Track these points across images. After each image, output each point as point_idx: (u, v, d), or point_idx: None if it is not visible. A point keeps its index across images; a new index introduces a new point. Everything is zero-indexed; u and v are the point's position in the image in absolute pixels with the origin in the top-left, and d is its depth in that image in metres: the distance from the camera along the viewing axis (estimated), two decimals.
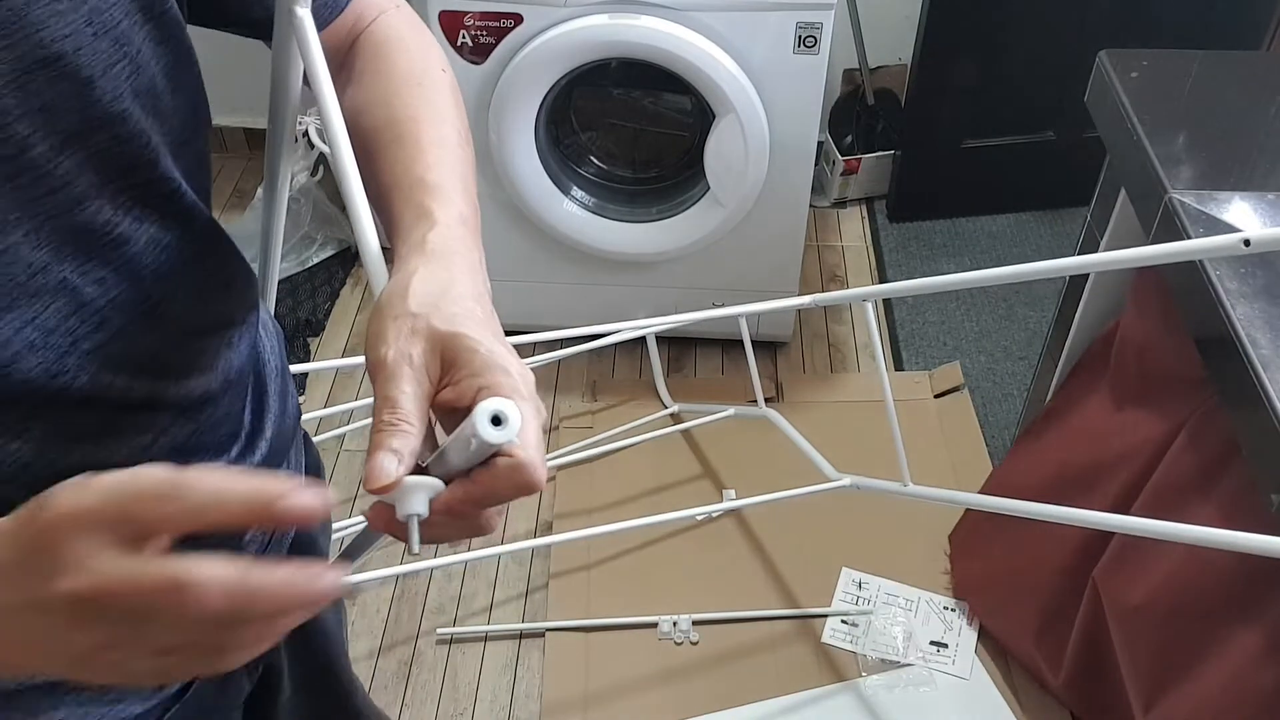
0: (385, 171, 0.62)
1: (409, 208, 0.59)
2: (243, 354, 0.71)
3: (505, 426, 0.44)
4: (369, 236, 0.58)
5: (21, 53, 0.49)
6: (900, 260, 2.56)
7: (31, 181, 0.51)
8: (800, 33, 1.79)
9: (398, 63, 0.69)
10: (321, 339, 2.35)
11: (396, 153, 0.62)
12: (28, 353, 0.54)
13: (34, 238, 0.52)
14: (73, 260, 0.55)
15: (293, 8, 0.60)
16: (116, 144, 0.55)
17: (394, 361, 0.49)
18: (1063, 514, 1.11)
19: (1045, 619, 1.60)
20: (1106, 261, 0.95)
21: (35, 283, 0.53)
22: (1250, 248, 0.70)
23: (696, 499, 1.98)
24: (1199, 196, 1.20)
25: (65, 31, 0.50)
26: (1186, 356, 1.21)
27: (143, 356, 0.60)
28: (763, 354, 2.27)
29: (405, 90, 0.67)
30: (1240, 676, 1.17)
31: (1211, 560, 1.21)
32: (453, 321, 0.50)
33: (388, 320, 0.50)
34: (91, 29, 0.51)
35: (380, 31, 0.71)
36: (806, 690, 1.71)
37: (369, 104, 0.67)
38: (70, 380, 0.56)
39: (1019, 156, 2.62)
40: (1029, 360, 2.25)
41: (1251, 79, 1.44)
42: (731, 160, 1.92)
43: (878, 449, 1.81)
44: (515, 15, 1.79)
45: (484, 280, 0.56)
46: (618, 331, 1.79)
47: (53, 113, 0.51)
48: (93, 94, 0.52)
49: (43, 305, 0.54)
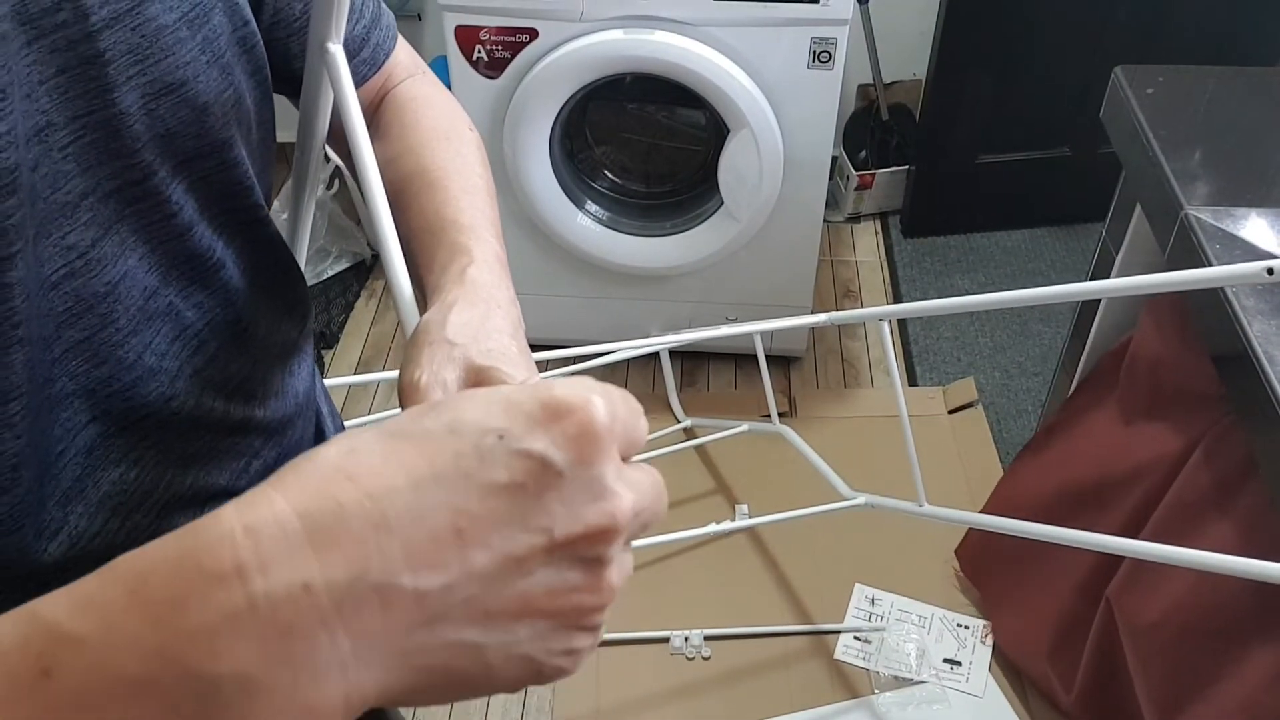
0: (416, 216, 0.63)
1: (443, 246, 0.59)
2: (305, 378, 0.73)
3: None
4: (398, 272, 0.58)
5: (153, 78, 0.50)
6: (914, 275, 2.55)
7: (150, 208, 0.53)
8: (815, 48, 1.79)
9: (425, 118, 0.70)
10: (335, 352, 2.36)
11: (427, 198, 0.63)
12: (148, 377, 0.55)
13: (147, 262, 0.54)
14: (178, 284, 0.56)
15: (325, 44, 0.60)
16: (220, 170, 0.56)
17: (427, 385, 0.49)
18: (1078, 538, 1.10)
19: (1058, 637, 1.59)
20: (1124, 288, 0.94)
21: (150, 307, 0.54)
22: (1275, 276, 0.69)
23: (709, 514, 1.97)
24: (1215, 213, 1.19)
25: (186, 59, 0.52)
26: (1202, 372, 1.20)
27: (236, 379, 0.62)
28: (776, 369, 2.26)
29: (434, 143, 0.68)
30: (1256, 698, 1.16)
31: (1227, 580, 1.20)
32: (489, 356, 0.50)
33: (424, 346, 0.50)
34: (205, 57, 0.53)
35: (408, 91, 0.73)
36: (819, 707, 1.70)
37: (397, 155, 0.68)
38: (181, 404, 0.57)
39: (1034, 172, 2.61)
40: (1044, 376, 2.24)
41: (1267, 95, 1.43)
42: (745, 175, 1.92)
43: (892, 465, 1.81)
44: (531, 30, 1.80)
45: (519, 318, 0.56)
46: (630, 348, 1.79)
47: (172, 139, 0.52)
48: (206, 121, 0.54)
49: (154, 330, 0.55)
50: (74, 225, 0.49)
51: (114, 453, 0.55)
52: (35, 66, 0.46)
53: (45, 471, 0.52)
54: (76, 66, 0.48)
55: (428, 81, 0.75)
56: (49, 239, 0.48)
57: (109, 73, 0.49)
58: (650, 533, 0.43)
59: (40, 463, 0.51)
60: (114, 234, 0.51)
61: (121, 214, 0.52)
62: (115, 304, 0.52)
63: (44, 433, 0.51)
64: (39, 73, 0.46)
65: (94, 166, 0.50)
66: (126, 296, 0.53)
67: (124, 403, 0.54)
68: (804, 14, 1.75)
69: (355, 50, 0.68)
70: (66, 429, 0.52)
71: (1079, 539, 1.10)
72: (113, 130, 0.50)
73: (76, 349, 0.51)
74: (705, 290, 2.16)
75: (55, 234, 0.49)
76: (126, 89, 0.49)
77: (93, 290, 0.51)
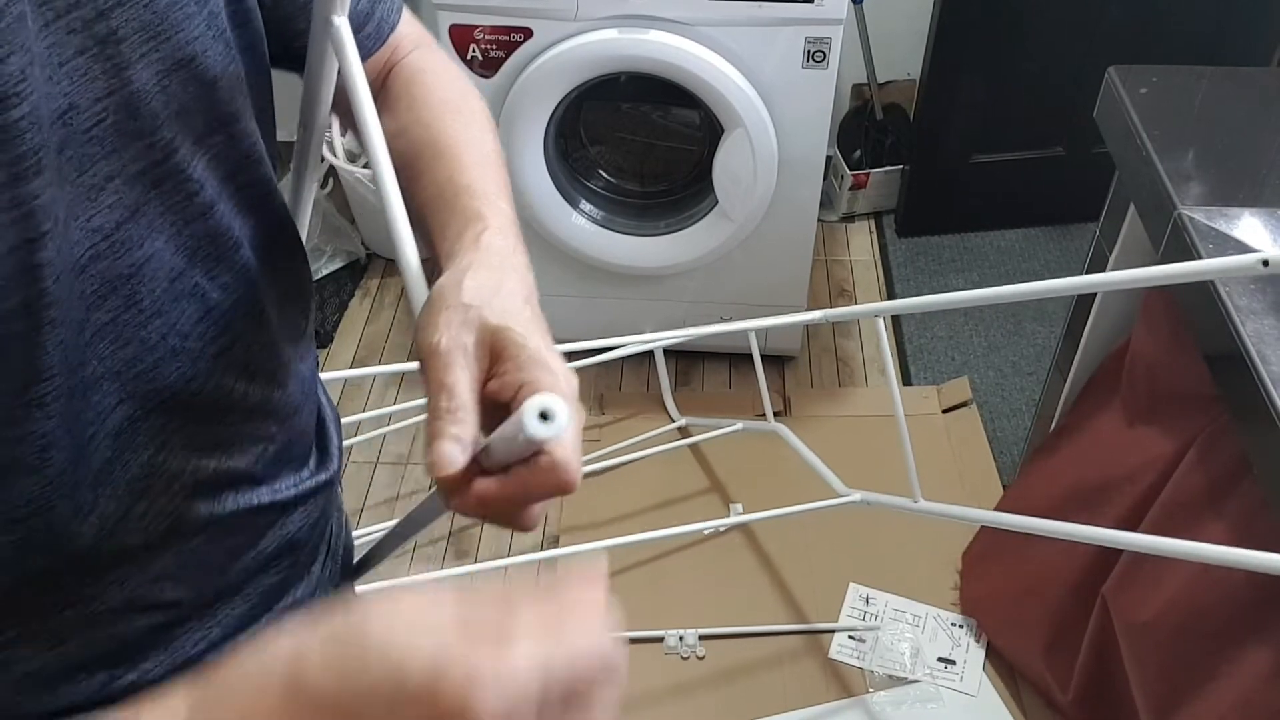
0: (428, 185, 0.63)
1: (456, 213, 0.60)
2: (311, 363, 0.73)
3: (553, 422, 0.43)
4: (406, 243, 0.58)
5: (165, 54, 0.50)
6: (909, 275, 2.56)
7: (174, 187, 0.53)
8: (809, 47, 1.79)
9: (434, 91, 0.70)
10: (330, 351, 2.36)
11: (439, 168, 0.63)
12: (170, 358, 0.55)
13: (173, 244, 0.54)
14: (203, 265, 0.56)
15: (329, 16, 0.60)
16: (230, 144, 0.56)
17: (448, 349, 0.49)
18: (1073, 531, 1.10)
19: (1054, 636, 1.59)
20: (1119, 281, 0.95)
21: (175, 288, 0.54)
22: (1270, 268, 0.70)
23: (704, 513, 1.97)
24: (1208, 213, 1.20)
25: (195, 34, 0.52)
26: (1196, 373, 1.20)
27: (255, 361, 0.62)
28: (770, 368, 2.27)
29: (443, 115, 0.68)
30: (1251, 697, 1.16)
31: (1221, 578, 1.20)
32: (503, 316, 0.51)
33: (441, 310, 0.51)
34: (211, 32, 0.53)
35: (415, 63, 0.73)
36: (813, 706, 1.70)
37: (406, 126, 0.68)
38: (202, 384, 0.57)
39: (1028, 172, 2.62)
40: (1037, 376, 2.24)
41: (1261, 95, 1.44)
42: (740, 174, 1.92)
43: (886, 464, 1.81)
44: (525, 29, 1.80)
45: (532, 283, 0.57)
46: (626, 345, 1.79)
47: (187, 115, 0.52)
48: (216, 95, 0.54)
49: (179, 311, 0.55)
50: (99, 208, 0.50)
51: (141, 436, 0.55)
52: (54, 49, 0.46)
53: (79, 454, 0.52)
54: (93, 47, 0.47)
55: (434, 53, 0.74)
56: (75, 221, 0.49)
57: (123, 51, 0.48)
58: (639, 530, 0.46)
59: (73, 445, 0.51)
60: (141, 216, 0.52)
61: (147, 196, 0.52)
62: (140, 285, 0.52)
63: (76, 415, 0.51)
64: (58, 54, 0.46)
65: (119, 149, 0.50)
66: (152, 279, 0.53)
67: (149, 384, 0.54)
68: (798, 14, 1.75)
69: (360, 24, 0.68)
70: (97, 412, 0.52)
71: (1071, 531, 1.10)
72: (133, 110, 0.50)
73: (103, 331, 0.51)
74: (700, 290, 2.16)
75: (81, 217, 0.49)
76: (141, 66, 0.49)
77: (118, 272, 0.51)
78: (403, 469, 2.10)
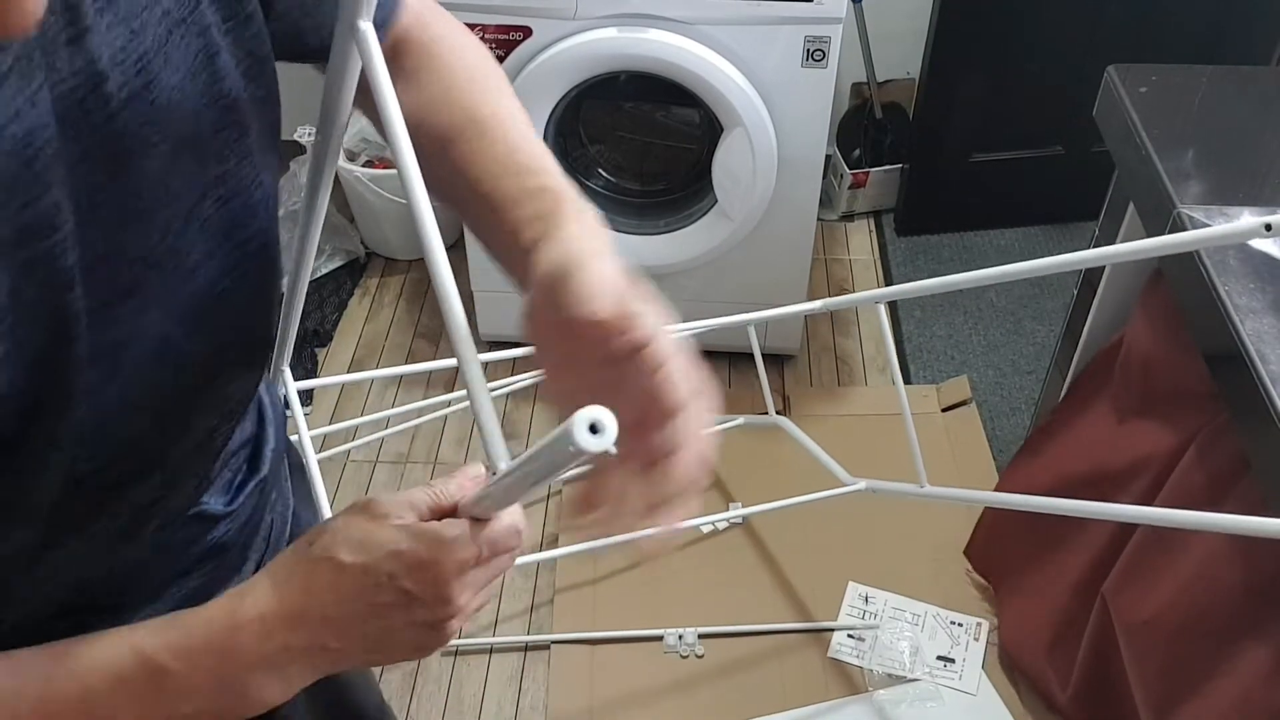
0: (490, 163, 0.63)
1: (529, 194, 0.60)
2: (261, 383, 0.73)
3: (602, 435, 0.43)
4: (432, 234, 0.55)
5: (168, 142, 0.52)
6: (908, 274, 2.55)
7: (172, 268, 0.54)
8: (809, 46, 1.79)
9: (454, 60, 0.68)
10: (329, 350, 2.36)
11: (491, 145, 0.63)
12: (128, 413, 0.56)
13: (162, 316, 0.55)
14: (185, 328, 0.57)
15: (355, 22, 0.58)
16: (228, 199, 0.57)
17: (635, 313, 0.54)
18: (1082, 507, 1.09)
19: (1056, 635, 1.59)
20: (1123, 253, 0.93)
21: (162, 351, 0.56)
22: (1271, 233, 0.70)
23: (703, 510, 1.97)
24: (1208, 211, 1.20)
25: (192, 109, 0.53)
26: (1195, 371, 1.20)
27: (203, 407, 0.63)
28: (770, 367, 2.26)
29: (473, 87, 0.67)
30: (1250, 695, 1.16)
31: (1220, 577, 1.20)
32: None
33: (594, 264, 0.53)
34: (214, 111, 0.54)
35: (426, 32, 0.70)
36: (813, 704, 1.70)
37: (433, 101, 0.66)
38: (151, 437, 0.59)
39: (1027, 171, 2.62)
40: (1037, 374, 2.24)
41: (1260, 94, 1.44)
42: (739, 173, 1.92)
43: (887, 461, 1.81)
44: (524, 28, 1.80)
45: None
46: None
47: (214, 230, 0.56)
48: (206, 162, 0.55)
49: (164, 368, 0.57)
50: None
51: (87, 484, 0.56)
52: (80, 166, 0.47)
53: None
54: (99, 151, 0.48)
55: (442, 18, 0.72)
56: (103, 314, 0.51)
57: (128, 146, 0.49)
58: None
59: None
60: (135, 296, 0.52)
61: (145, 276, 0.52)
62: (126, 355, 0.53)
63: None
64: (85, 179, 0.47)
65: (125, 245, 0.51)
66: (138, 347, 0.54)
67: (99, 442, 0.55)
68: (798, 12, 1.75)
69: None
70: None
71: (1079, 508, 1.09)
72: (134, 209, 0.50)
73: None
74: (699, 289, 2.16)
75: (107, 313, 0.51)
76: (148, 158, 0.50)
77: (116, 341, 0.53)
78: (402, 468, 2.10)
